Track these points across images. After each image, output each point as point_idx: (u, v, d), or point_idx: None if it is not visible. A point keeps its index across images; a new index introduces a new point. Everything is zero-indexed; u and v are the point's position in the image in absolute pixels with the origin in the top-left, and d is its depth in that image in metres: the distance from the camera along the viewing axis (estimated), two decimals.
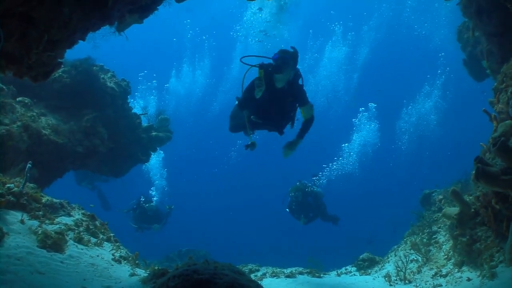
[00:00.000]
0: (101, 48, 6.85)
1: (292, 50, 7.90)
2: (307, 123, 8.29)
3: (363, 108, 26.19)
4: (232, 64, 32.64)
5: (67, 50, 5.20)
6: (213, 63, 33.54)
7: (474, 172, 5.57)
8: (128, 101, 12.44)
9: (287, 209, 16.77)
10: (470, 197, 7.78)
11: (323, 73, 29.44)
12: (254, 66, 7.95)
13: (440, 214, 9.84)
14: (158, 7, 6.23)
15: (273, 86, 7.94)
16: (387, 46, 34.16)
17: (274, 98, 8.03)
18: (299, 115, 8.39)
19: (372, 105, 25.61)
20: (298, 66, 8.12)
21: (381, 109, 26.06)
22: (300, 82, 8.20)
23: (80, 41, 5.29)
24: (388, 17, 30.82)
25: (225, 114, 9.32)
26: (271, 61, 7.93)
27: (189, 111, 34.29)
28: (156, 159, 22.44)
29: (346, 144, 25.98)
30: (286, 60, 7.72)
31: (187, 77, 32.93)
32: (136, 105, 22.81)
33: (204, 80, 33.54)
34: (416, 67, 34.20)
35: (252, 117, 8.24)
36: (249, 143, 8.24)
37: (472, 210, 7.38)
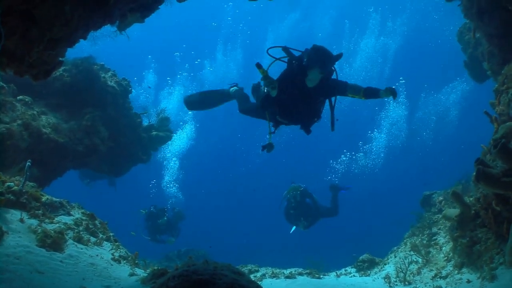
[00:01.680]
0: (133, 39, 6.91)
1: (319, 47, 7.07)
2: (369, 89, 7.26)
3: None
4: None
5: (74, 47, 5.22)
6: (246, 53, 33.15)
7: (474, 174, 5.56)
8: (129, 100, 12.43)
9: (284, 216, 15.44)
10: (471, 199, 7.77)
11: (358, 63, 29.15)
12: (279, 59, 7.38)
13: (440, 216, 9.84)
14: (159, 6, 6.23)
15: (302, 83, 7.18)
16: (417, 39, 33.69)
17: (303, 96, 7.28)
18: (338, 116, 7.63)
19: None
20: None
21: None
22: (333, 76, 7.33)
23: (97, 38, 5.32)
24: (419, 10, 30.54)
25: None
26: (298, 53, 7.34)
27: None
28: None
29: (361, 143, 25.73)
30: (323, 59, 6.96)
31: (221, 67, 32.64)
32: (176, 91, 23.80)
33: (237, 70, 32.88)
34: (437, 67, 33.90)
35: (277, 117, 7.58)
36: (267, 143, 7.57)
37: (473, 211, 7.37)
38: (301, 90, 7.21)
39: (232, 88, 8.83)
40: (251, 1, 7.31)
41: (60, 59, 5.21)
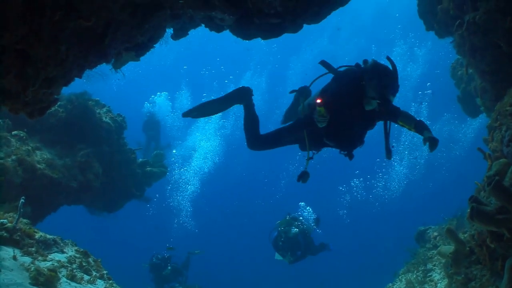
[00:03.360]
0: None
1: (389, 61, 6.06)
2: (421, 124, 6.21)
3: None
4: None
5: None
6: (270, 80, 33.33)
7: (469, 211, 5.57)
8: (124, 136, 12.46)
9: (272, 244, 14.67)
10: (465, 235, 7.76)
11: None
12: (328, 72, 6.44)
13: (435, 252, 9.82)
14: (154, 45, 6.29)
15: (358, 104, 6.05)
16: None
17: (357, 119, 6.24)
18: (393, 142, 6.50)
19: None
20: None
21: None
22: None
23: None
24: None
25: None
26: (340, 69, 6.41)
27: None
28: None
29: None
30: (393, 82, 5.92)
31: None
32: None
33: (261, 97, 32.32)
34: None
35: (324, 139, 6.32)
36: (302, 172, 6.23)
37: (467, 248, 7.36)
38: (355, 111, 6.13)
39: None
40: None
41: (56, 97, 5.24)
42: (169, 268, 16.19)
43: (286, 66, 34.01)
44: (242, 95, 6.74)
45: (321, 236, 15.60)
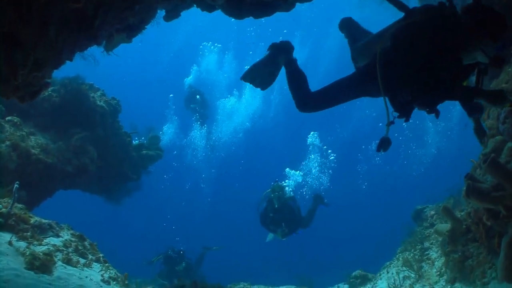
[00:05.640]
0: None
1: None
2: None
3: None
4: None
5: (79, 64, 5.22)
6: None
7: (465, 189, 5.56)
8: (118, 119, 12.39)
9: (260, 220, 13.30)
10: (462, 213, 7.77)
11: None
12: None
13: (432, 230, 9.83)
14: (146, 26, 6.23)
15: (452, 54, 4.38)
16: None
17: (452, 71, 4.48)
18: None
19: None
20: None
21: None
22: None
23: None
24: None
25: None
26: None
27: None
28: None
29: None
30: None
31: None
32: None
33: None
34: None
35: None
36: (383, 139, 4.74)
37: (464, 226, 7.37)
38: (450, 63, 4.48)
39: None
40: None
41: (47, 80, 5.18)
42: (184, 264, 15.85)
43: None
44: (282, 50, 5.37)
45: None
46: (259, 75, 5.44)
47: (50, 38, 4.27)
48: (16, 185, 6.73)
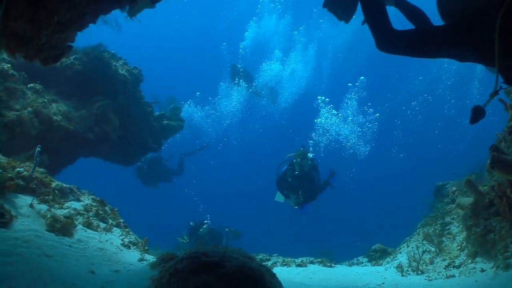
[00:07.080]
0: None
1: None
2: None
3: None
4: None
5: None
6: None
7: (489, 160, 5.46)
8: (140, 89, 12.37)
9: (277, 182, 12.81)
10: (485, 187, 7.66)
11: None
12: None
13: (453, 206, 9.74)
14: None
15: None
16: None
17: None
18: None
19: None
20: None
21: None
22: None
23: None
24: None
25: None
26: None
27: None
28: None
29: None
30: None
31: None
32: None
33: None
34: None
35: None
36: (476, 108, 3.69)
37: (487, 200, 7.27)
38: None
39: None
40: None
41: (70, 44, 5.17)
42: (205, 226, 16.05)
43: None
44: None
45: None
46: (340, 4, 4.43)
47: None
48: (38, 149, 6.75)
